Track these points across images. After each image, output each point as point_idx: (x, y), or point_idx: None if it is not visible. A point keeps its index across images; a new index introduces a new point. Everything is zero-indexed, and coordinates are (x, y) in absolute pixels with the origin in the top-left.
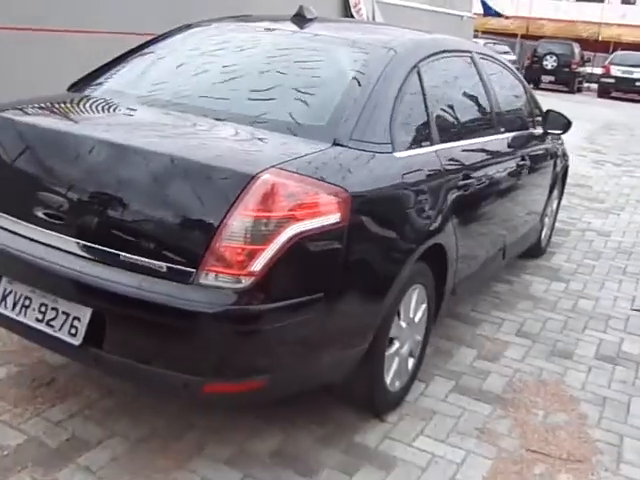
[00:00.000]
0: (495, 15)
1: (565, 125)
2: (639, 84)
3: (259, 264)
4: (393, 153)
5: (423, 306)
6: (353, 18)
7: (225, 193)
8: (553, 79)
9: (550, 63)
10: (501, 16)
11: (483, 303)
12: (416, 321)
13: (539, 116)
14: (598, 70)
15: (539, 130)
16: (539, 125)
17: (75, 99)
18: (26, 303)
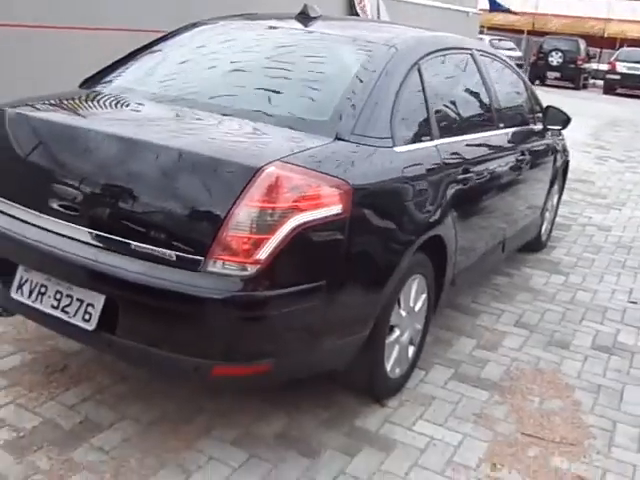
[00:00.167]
0: (502, 10)
1: (564, 121)
2: None
3: (264, 253)
4: (393, 147)
5: (423, 296)
6: (358, 15)
7: (232, 185)
8: (559, 75)
9: (556, 59)
10: (508, 12)
11: (483, 295)
12: (416, 310)
13: (539, 112)
14: (604, 66)
15: (539, 126)
16: (539, 121)
17: (87, 95)
18: (42, 291)
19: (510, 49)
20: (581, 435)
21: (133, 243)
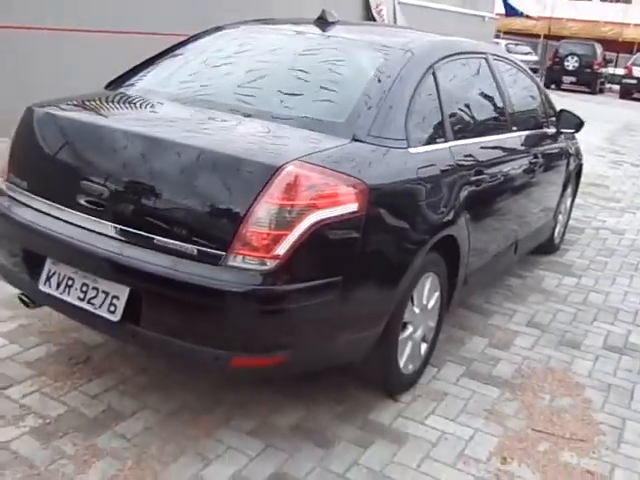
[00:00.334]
0: (518, 15)
1: (578, 124)
2: None
3: (283, 248)
4: (408, 149)
5: (436, 294)
6: (374, 20)
7: (252, 183)
8: (575, 80)
9: (572, 64)
10: (525, 16)
11: (496, 295)
12: (429, 308)
13: (552, 116)
14: (620, 71)
15: (552, 129)
16: (552, 125)
17: (112, 96)
18: (69, 283)
19: (526, 53)
20: (591, 432)
21: (156, 238)
